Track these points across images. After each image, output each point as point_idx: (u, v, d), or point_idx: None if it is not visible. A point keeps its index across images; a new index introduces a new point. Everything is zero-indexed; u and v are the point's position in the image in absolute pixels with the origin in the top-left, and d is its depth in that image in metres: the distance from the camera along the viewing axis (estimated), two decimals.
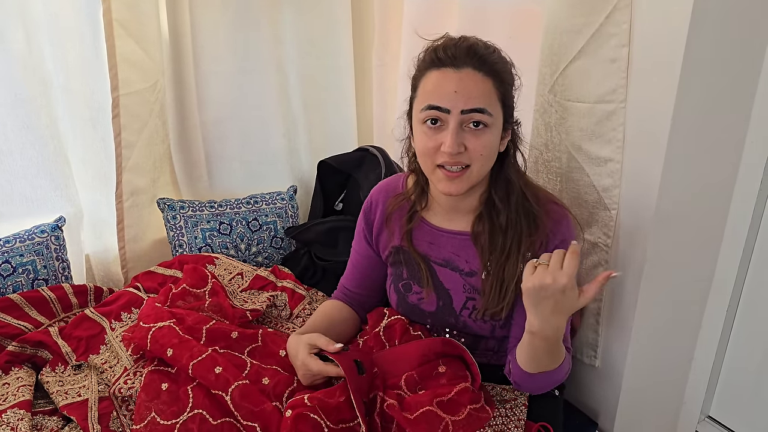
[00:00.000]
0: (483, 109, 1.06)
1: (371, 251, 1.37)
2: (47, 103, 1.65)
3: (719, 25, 1.12)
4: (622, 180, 1.27)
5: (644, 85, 1.18)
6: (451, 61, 1.07)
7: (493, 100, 1.08)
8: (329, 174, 2.03)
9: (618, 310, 1.37)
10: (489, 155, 1.11)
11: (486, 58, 1.08)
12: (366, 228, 1.36)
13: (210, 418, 1.10)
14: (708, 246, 1.37)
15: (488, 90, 1.07)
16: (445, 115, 1.07)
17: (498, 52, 1.12)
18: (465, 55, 1.07)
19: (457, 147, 1.07)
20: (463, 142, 1.08)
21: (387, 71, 2.14)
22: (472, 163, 1.10)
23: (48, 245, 1.64)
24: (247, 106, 2.01)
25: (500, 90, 1.09)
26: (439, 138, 1.09)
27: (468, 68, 1.06)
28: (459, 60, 1.07)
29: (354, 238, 1.42)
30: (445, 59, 1.08)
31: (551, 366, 1.11)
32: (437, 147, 1.09)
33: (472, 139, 1.08)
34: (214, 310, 1.43)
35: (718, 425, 1.51)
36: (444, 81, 1.07)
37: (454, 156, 1.08)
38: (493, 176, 1.20)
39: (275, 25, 1.98)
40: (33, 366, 1.39)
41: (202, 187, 2.04)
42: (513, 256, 1.16)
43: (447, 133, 1.07)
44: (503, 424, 1.15)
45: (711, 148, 1.25)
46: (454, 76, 1.06)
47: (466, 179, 1.12)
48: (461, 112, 1.06)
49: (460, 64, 1.06)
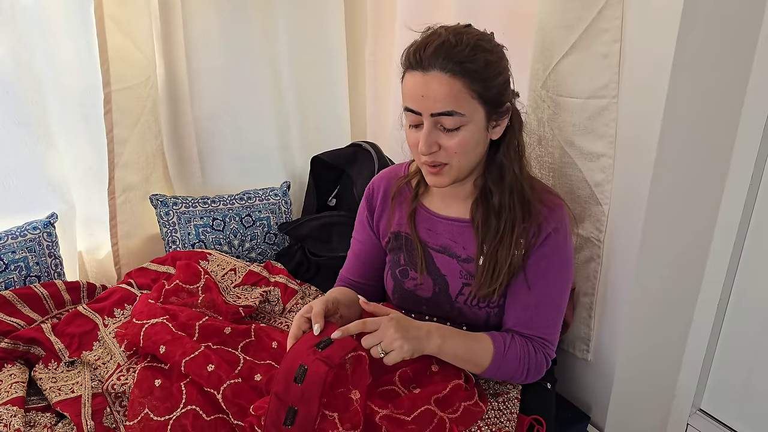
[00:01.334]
0: (451, 112, 1.06)
1: (374, 237, 1.37)
2: (39, 99, 1.64)
3: (710, 20, 1.12)
4: (614, 175, 1.27)
5: (636, 80, 1.18)
6: (419, 64, 1.07)
7: (462, 99, 1.06)
8: (322, 170, 2.03)
9: (610, 305, 1.38)
10: (466, 151, 1.11)
11: (454, 57, 1.04)
12: (368, 214, 1.37)
13: (203, 414, 1.10)
14: (699, 240, 1.38)
15: (456, 90, 1.05)
16: (419, 117, 1.09)
17: (473, 46, 1.06)
18: (431, 56, 1.05)
19: (428, 147, 1.09)
20: (436, 141, 1.09)
21: (380, 67, 2.14)
22: (449, 161, 1.12)
23: (40, 242, 1.63)
24: (241, 102, 2.00)
25: (474, 87, 1.06)
26: (418, 136, 1.11)
27: (434, 70, 1.05)
28: (425, 63, 1.06)
29: (355, 228, 1.42)
30: (414, 63, 1.07)
31: (480, 358, 1.14)
32: (417, 144, 1.12)
33: (445, 138, 1.09)
34: (207, 306, 1.43)
35: (710, 418, 1.52)
36: (414, 85, 1.08)
37: (430, 156, 1.11)
38: (488, 161, 1.20)
39: (268, 21, 1.97)
40: (26, 363, 1.39)
41: (195, 183, 2.03)
42: (506, 239, 1.17)
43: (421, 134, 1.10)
44: (496, 417, 1.15)
45: (702, 143, 1.25)
46: (421, 80, 1.06)
47: (446, 174, 1.14)
48: (431, 115, 1.07)
49: (427, 67, 1.06)
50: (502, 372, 1.17)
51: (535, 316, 1.19)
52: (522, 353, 1.17)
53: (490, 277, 1.18)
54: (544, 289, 1.19)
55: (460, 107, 1.06)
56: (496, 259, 1.18)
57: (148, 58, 1.76)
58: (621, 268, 1.32)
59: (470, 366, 1.16)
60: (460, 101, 1.06)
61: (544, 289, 1.19)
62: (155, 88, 1.82)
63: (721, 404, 1.50)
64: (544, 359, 1.20)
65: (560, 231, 1.18)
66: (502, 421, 1.15)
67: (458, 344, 1.13)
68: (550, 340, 1.21)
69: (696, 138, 1.23)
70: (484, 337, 1.17)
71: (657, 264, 1.33)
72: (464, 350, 1.14)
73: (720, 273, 1.39)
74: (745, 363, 1.42)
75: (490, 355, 1.15)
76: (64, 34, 1.62)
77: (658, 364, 1.50)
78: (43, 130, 1.67)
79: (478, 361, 1.15)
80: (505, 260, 1.17)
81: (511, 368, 1.16)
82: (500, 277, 1.17)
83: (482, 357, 1.15)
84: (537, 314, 1.19)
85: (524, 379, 1.19)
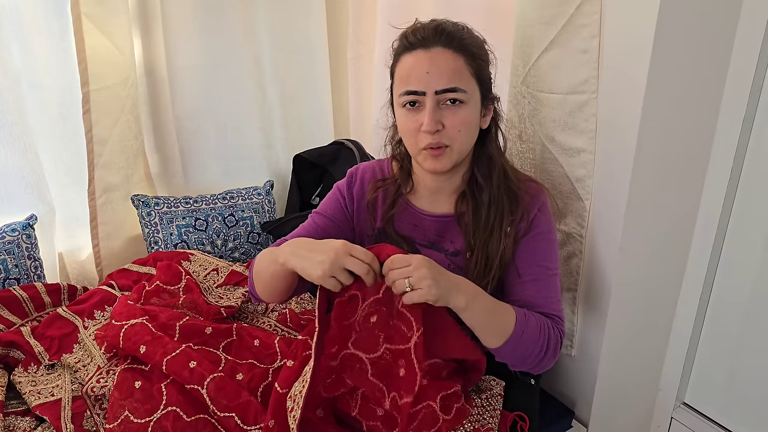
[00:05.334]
0: (456, 88, 1.07)
1: (344, 219, 1.31)
2: (15, 98, 1.62)
3: (688, 15, 1.13)
4: (595, 170, 1.28)
5: (615, 75, 1.18)
6: (420, 42, 1.09)
7: (465, 76, 1.09)
8: (305, 168, 2.02)
9: (593, 300, 1.38)
10: (468, 131, 1.12)
11: (454, 35, 1.09)
12: (347, 196, 1.31)
13: (184, 415, 1.09)
14: (681, 234, 1.39)
15: (460, 66, 1.08)
16: (422, 97, 1.09)
17: (468, 29, 1.13)
18: (433, 34, 1.08)
19: (434, 125, 1.08)
20: (440, 120, 1.09)
21: (362, 64, 2.13)
22: (451, 142, 1.11)
23: (19, 244, 1.61)
24: (222, 101, 1.99)
25: (473, 65, 1.10)
26: (418, 118, 1.10)
27: (438, 47, 1.08)
28: (428, 40, 1.08)
29: (323, 203, 1.33)
30: (415, 42, 1.09)
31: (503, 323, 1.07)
32: (418, 128, 1.11)
33: (449, 116, 1.09)
34: (189, 307, 1.42)
35: (693, 411, 1.53)
36: (416, 63, 1.09)
37: (434, 135, 1.09)
38: (476, 154, 1.21)
39: (249, 18, 1.96)
40: (5, 366, 1.37)
41: (177, 182, 2.02)
42: (496, 231, 1.17)
43: (424, 113, 1.09)
44: (479, 414, 1.15)
45: (682, 137, 1.26)
46: (425, 57, 1.08)
47: (447, 156, 1.13)
48: (435, 93, 1.08)
49: (430, 44, 1.08)
50: (521, 347, 1.08)
51: (536, 295, 1.17)
52: (542, 324, 1.11)
53: (483, 271, 1.18)
54: (539, 268, 1.19)
55: (463, 83, 1.08)
56: (488, 253, 1.18)
57: (126, 57, 1.74)
58: (603, 263, 1.33)
59: (492, 333, 1.07)
60: (462, 78, 1.08)
61: (538, 268, 1.18)
62: (135, 87, 1.81)
63: (704, 398, 1.51)
64: (560, 336, 1.14)
65: (543, 211, 1.20)
66: (485, 417, 1.15)
67: (486, 305, 1.06)
68: (559, 316, 1.17)
69: (676, 132, 1.24)
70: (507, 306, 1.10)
71: (639, 258, 1.33)
72: (490, 313, 1.06)
73: (702, 267, 1.40)
74: (728, 356, 1.43)
75: (513, 322, 1.07)
76: (40, 33, 1.60)
77: (641, 358, 1.50)
78: (20, 130, 1.64)
79: (503, 326, 1.07)
80: (496, 253, 1.17)
81: (531, 341, 1.08)
82: (493, 269, 1.17)
83: (507, 323, 1.07)
84: (538, 293, 1.17)
85: (542, 357, 1.10)
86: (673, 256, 1.41)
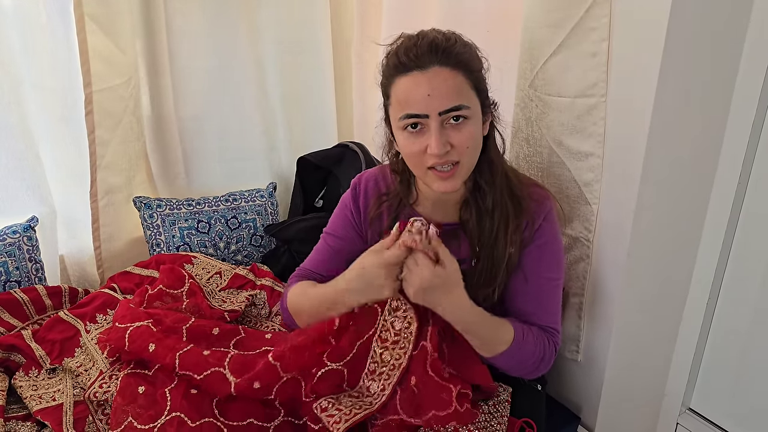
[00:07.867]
0: (459, 106, 1.04)
1: (355, 234, 1.31)
2: (17, 99, 1.61)
3: (698, 18, 1.12)
4: (603, 174, 1.27)
5: (625, 79, 1.18)
6: (415, 63, 1.04)
7: (466, 91, 1.05)
8: (309, 170, 2.01)
9: (599, 305, 1.37)
10: (475, 145, 1.10)
11: (449, 50, 1.04)
12: (354, 209, 1.31)
13: (188, 420, 1.07)
14: (688, 240, 1.38)
15: (459, 83, 1.04)
16: (424, 119, 1.05)
17: (459, 38, 1.08)
18: (428, 53, 1.03)
19: (443, 147, 1.05)
20: (448, 141, 1.06)
21: (366, 67, 2.12)
22: (461, 158, 1.08)
23: (20, 246, 1.60)
24: (226, 102, 1.98)
25: (471, 79, 1.06)
26: (423, 141, 1.06)
27: (434, 66, 1.03)
28: (423, 59, 1.03)
29: (332, 221, 1.34)
30: (409, 63, 1.04)
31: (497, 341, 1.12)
32: (423, 150, 1.07)
33: (455, 134, 1.06)
34: (192, 311, 1.41)
35: (699, 417, 1.52)
36: (415, 86, 1.04)
37: (442, 156, 1.06)
38: (477, 161, 1.18)
39: (254, 21, 1.95)
40: (6, 370, 1.36)
41: (180, 184, 2.01)
42: (501, 238, 1.16)
43: (430, 135, 1.05)
44: (486, 421, 1.14)
45: (691, 141, 1.25)
46: (423, 78, 1.03)
47: (458, 175, 1.10)
48: (439, 114, 1.04)
49: (426, 64, 1.03)
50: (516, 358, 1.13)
51: (537, 306, 1.18)
52: (538, 340, 1.15)
53: (489, 277, 1.17)
54: (541, 279, 1.18)
55: (465, 99, 1.05)
56: (493, 259, 1.17)
57: (129, 58, 1.73)
58: (610, 268, 1.32)
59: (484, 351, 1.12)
60: (463, 94, 1.05)
61: (541, 279, 1.18)
62: (137, 89, 1.80)
63: (710, 403, 1.50)
64: (554, 348, 1.18)
65: (549, 219, 1.19)
66: (492, 424, 1.14)
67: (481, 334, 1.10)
68: (556, 328, 1.20)
69: (685, 136, 1.23)
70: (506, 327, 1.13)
71: (646, 264, 1.32)
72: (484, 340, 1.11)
73: (709, 272, 1.39)
74: (735, 362, 1.42)
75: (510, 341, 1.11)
76: (43, 34, 1.59)
77: (647, 363, 1.49)
78: (22, 131, 1.64)
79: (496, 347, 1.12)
80: (502, 259, 1.16)
81: (527, 354, 1.13)
82: (499, 276, 1.16)
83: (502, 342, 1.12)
84: (539, 304, 1.19)
85: (535, 368, 1.16)
86: (680, 261, 1.40)
